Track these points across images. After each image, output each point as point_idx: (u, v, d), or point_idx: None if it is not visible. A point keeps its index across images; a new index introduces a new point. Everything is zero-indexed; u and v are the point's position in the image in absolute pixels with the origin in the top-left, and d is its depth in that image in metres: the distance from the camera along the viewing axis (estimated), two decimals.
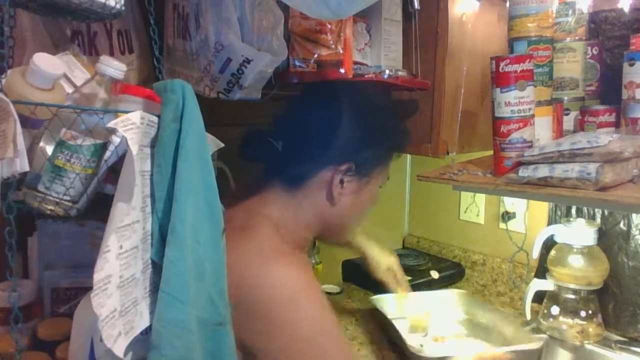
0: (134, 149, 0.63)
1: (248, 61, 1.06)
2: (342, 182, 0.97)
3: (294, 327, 0.87)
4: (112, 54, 1.19)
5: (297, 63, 1.17)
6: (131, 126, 0.64)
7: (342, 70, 1.14)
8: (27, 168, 0.57)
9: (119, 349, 0.63)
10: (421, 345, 1.46)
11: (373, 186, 1.03)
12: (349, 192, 0.99)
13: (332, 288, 1.95)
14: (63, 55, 0.91)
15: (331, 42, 1.14)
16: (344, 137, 0.97)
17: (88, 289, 0.85)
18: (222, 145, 0.82)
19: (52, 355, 0.93)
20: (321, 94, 1.02)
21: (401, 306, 1.55)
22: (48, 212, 0.66)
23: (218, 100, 1.11)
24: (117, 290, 0.63)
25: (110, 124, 0.61)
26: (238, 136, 1.02)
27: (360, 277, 1.92)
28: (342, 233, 1.07)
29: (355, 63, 1.22)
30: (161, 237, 0.70)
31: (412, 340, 1.42)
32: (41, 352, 0.93)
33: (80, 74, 0.88)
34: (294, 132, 1.00)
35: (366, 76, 1.19)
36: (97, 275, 0.59)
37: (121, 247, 0.63)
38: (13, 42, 0.94)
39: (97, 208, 0.72)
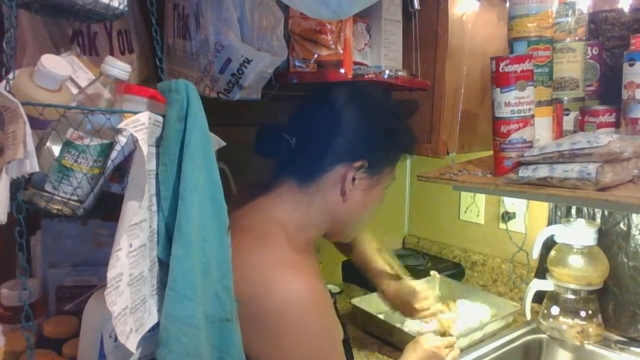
0: (144, 148, 0.63)
1: (248, 61, 1.06)
2: (354, 179, 0.99)
3: (301, 338, 0.88)
4: (112, 54, 1.19)
5: (297, 63, 1.17)
6: (141, 126, 0.65)
7: (342, 71, 1.13)
8: (36, 169, 0.58)
9: (131, 344, 0.64)
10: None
11: (381, 186, 1.05)
12: (360, 189, 1.01)
13: (332, 288, 1.95)
14: (66, 55, 0.91)
15: (331, 42, 1.14)
16: (361, 135, 0.99)
17: (93, 286, 0.86)
18: (224, 144, 0.83)
19: (58, 352, 0.94)
20: (341, 94, 1.03)
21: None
22: (55, 211, 0.67)
23: (218, 101, 1.11)
24: (127, 288, 0.63)
25: (121, 125, 0.62)
26: (238, 136, 1.03)
27: (360, 277, 1.92)
28: (348, 231, 1.10)
29: (355, 63, 1.22)
30: (167, 235, 0.71)
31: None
32: (48, 349, 0.94)
33: (83, 75, 0.88)
34: (311, 129, 1.02)
35: (366, 76, 1.19)
36: (110, 273, 0.60)
37: (131, 245, 0.63)
38: (14, 43, 0.94)
39: (100, 207, 0.72)
